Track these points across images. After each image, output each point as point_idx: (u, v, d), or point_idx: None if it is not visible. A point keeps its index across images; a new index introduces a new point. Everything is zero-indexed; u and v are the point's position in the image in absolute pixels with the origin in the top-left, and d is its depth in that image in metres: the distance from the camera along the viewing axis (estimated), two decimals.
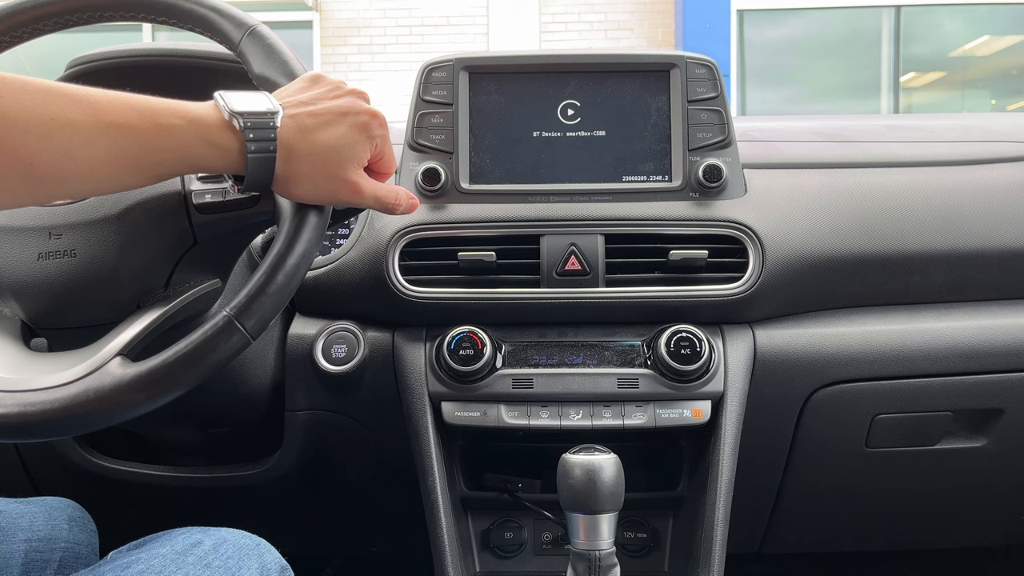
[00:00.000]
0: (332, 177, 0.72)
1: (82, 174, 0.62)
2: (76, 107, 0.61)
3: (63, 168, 0.61)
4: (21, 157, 0.58)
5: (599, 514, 0.86)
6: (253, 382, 1.04)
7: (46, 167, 0.60)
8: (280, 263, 0.71)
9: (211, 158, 0.67)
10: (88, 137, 0.61)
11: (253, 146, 0.67)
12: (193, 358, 0.68)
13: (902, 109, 8.11)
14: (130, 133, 0.63)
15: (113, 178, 0.64)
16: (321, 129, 0.71)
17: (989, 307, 1.09)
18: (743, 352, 1.02)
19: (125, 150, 0.63)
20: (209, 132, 0.66)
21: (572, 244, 1.00)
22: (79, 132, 0.61)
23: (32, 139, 0.58)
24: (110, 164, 0.63)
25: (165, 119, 0.64)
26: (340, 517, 1.27)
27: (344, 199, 0.74)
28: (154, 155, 0.64)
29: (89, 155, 0.61)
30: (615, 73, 1.05)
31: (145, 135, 0.63)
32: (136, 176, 0.65)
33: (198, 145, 0.66)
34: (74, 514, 0.91)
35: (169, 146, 0.65)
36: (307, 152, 0.70)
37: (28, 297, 0.77)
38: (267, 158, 0.68)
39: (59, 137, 0.60)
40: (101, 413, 0.67)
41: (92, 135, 0.61)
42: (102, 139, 0.62)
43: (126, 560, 0.68)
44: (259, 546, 0.74)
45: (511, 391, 0.99)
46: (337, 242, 1.06)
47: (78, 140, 0.61)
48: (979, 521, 1.26)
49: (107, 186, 0.66)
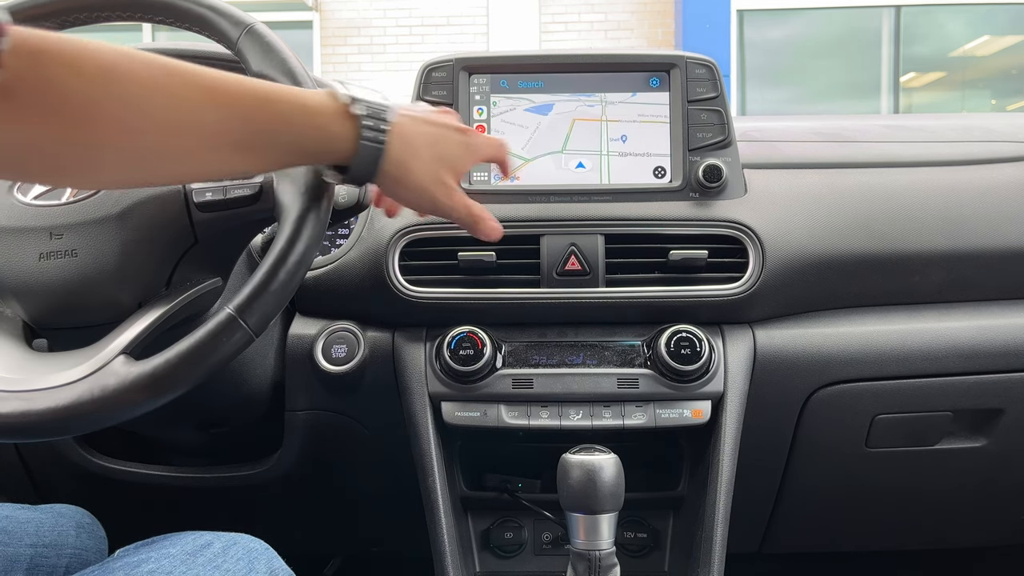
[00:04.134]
0: (434, 179, 0.75)
1: (191, 152, 0.61)
2: (189, 84, 0.60)
3: (170, 144, 0.60)
4: (130, 129, 0.57)
5: (599, 514, 0.86)
6: (253, 382, 1.04)
7: (153, 141, 0.59)
8: (282, 260, 0.71)
9: (320, 143, 0.67)
10: (200, 114, 0.60)
11: (367, 133, 0.68)
12: (196, 356, 0.68)
13: (902, 109, 8.11)
14: (240, 112, 0.62)
15: (217, 159, 0.63)
16: (430, 132, 0.75)
17: (989, 307, 1.09)
18: (743, 352, 1.02)
19: (234, 129, 0.62)
20: (321, 117, 0.67)
21: (572, 244, 1.00)
22: (191, 108, 0.60)
23: (142, 113, 0.58)
24: (217, 143, 0.62)
25: (276, 102, 0.65)
26: (340, 517, 1.27)
27: (441, 204, 0.77)
28: (262, 136, 0.64)
29: (198, 133, 0.61)
30: (615, 73, 1.06)
31: (255, 115, 0.63)
32: (239, 158, 0.64)
33: (308, 129, 0.66)
34: (82, 521, 0.91)
35: (278, 128, 0.65)
36: (415, 150, 0.73)
37: (30, 297, 0.77)
38: (376, 149, 0.69)
39: (170, 112, 0.59)
40: (105, 412, 0.67)
41: (202, 112, 0.60)
42: (211, 115, 0.61)
43: (136, 559, 0.68)
44: (268, 550, 0.74)
45: (511, 391, 0.99)
46: (337, 242, 1.07)
47: (188, 116, 0.60)
48: (979, 521, 1.26)
49: (209, 167, 0.65)
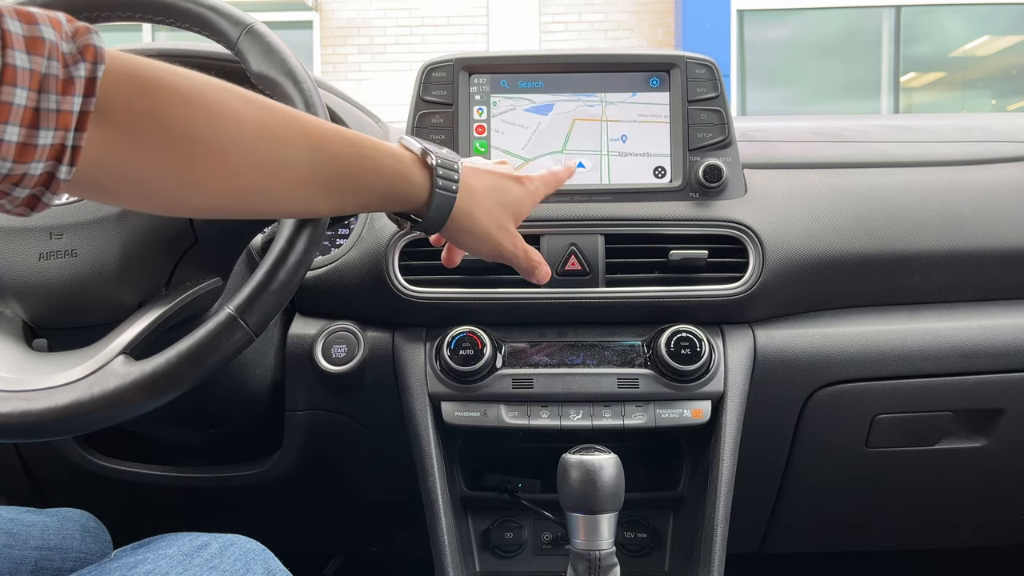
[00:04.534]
0: (499, 226, 0.80)
1: (282, 190, 0.63)
2: (288, 125, 0.62)
3: (265, 182, 0.61)
4: (229, 166, 0.58)
5: (599, 514, 0.86)
6: (253, 382, 1.04)
7: (251, 178, 0.60)
8: (282, 260, 0.71)
9: (401, 189, 0.71)
10: (296, 155, 0.62)
11: (440, 182, 0.72)
12: (197, 356, 0.68)
13: (902, 109, 8.11)
14: (333, 155, 0.65)
15: (308, 199, 0.66)
16: (491, 183, 0.80)
17: (989, 307, 1.09)
18: (743, 352, 1.02)
19: (327, 171, 0.64)
20: (403, 165, 0.71)
21: (572, 244, 1.00)
22: (289, 149, 0.62)
23: (245, 150, 0.59)
24: (309, 184, 0.64)
25: (365, 147, 0.67)
26: (340, 517, 1.27)
27: (505, 251, 0.81)
28: (351, 179, 0.67)
29: (293, 173, 0.62)
30: (615, 73, 1.06)
31: (347, 159, 0.66)
32: (327, 199, 0.67)
33: (392, 175, 0.69)
34: (88, 524, 0.91)
35: (366, 172, 0.68)
36: (479, 200, 0.77)
37: (30, 297, 0.77)
38: (449, 197, 0.73)
39: (269, 152, 0.60)
40: (105, 412, 0.67)
41: (300, 153, 0.62)
42: (308, 158, 0.63)
43: (132, 559, 0.68)
44: (264, 551, 0.74)
45: (511, 391, 0.99)
46: (337, 242, 1.07)
47: (287, 157, 0.62)
48: (979, 521, 1.26)
49: (299, 207, 0.67)
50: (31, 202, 0.50)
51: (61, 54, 0.48)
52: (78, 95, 0.48)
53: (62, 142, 0.48)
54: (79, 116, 0.48)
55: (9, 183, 0.48)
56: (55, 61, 0.47)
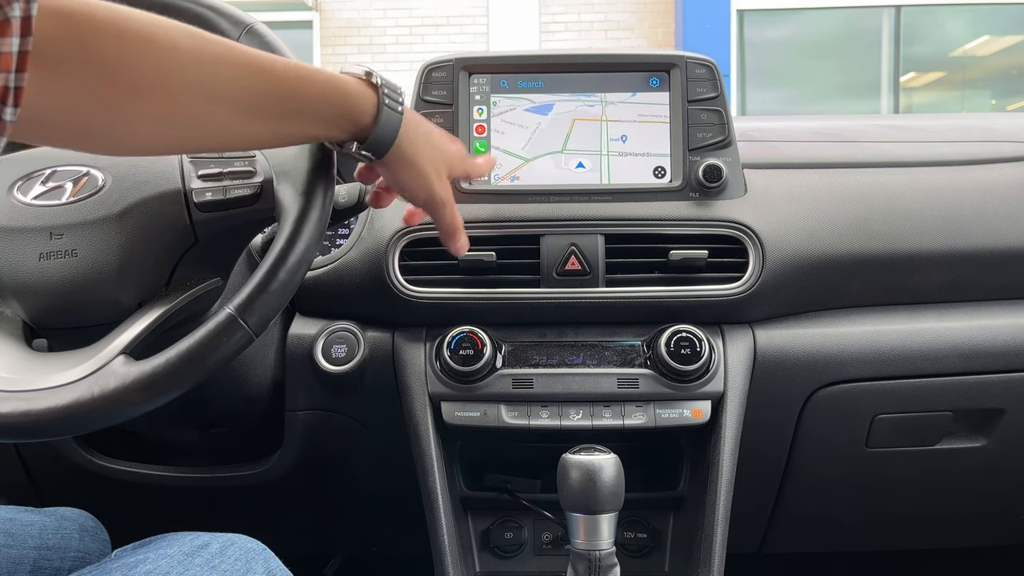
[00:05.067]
0: (436, 169, 0.80)
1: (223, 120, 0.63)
2: (227, 54, 0.61)
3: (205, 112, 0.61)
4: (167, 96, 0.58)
5: (599, 514, 0.86)
6: (253, 382, 1.04)
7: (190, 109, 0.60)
8: (282, 260, 0.71)
9: (345, 113, 0.70)
10: (236, 82, 0.62)
11: (387, 100, 0.72)
12: (197, 356, 0.68)
13: (902, 109, 8.11)
14: (273, 81, 0.64)
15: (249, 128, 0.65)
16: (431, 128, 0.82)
17: (989, 307, 1.09)
18: (743, 352, 1.02)
19: (267, 96, 0.64)
20: (348, 87, 0.70)
21: (572, 244, 1.00)
22: (227, 76, 0.61)
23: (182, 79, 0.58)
24: (250, 112, 0.64)
25: (307, 71, 0.67)
26: (340, 517, 1.27)
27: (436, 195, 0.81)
28: (293, 105, 0.66)
29: (233, 101, 0.62)
30: (615, 73, 1.06)
31: (288, 84, 0.65)
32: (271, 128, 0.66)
33: (336, 98, 0.69)
34: (86, 524, 0.91)
35: (308, 93, 0.67)
36: (422, 136, 0.78)
37: (30, 298, 0.77)
38: (396, 116, 0.73)
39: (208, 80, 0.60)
40: (105, 412, 0.67)
41: (239, 80, 0.62)
42: (247, 85, 0.62)
43: (133, 559, 0.68)
44: (265, 551, 0.74)
45: (511, 391, 0.99)
46: (337, 242, 1.07)
47: (226, 84, 0.61)
48: (979, 521, 1.26)
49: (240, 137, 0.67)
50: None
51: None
52: (15, 36, 0.47)
53: (4, 84, 0.47)
54: (19, 56, 0.48)
55: None
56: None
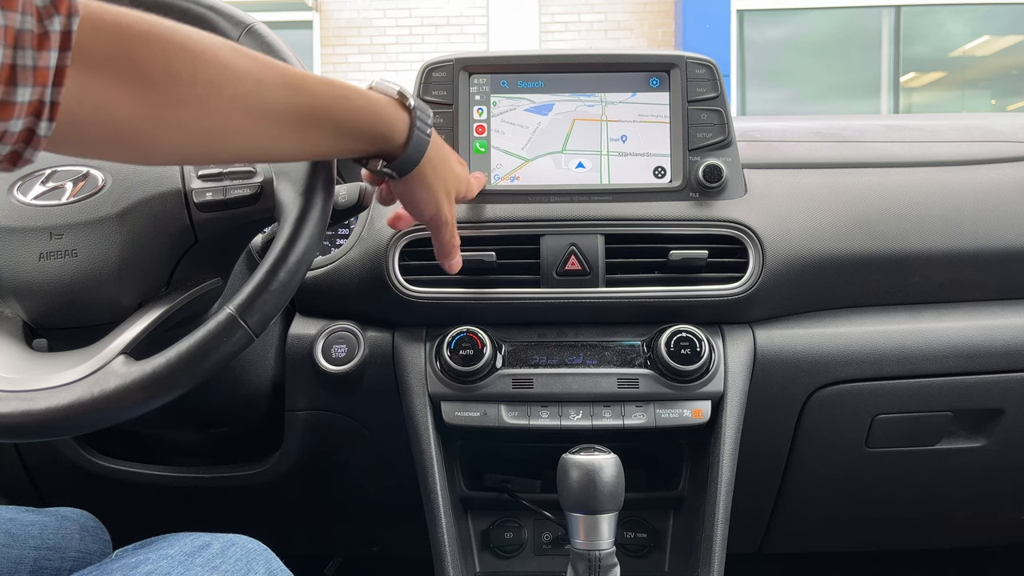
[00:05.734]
0: (446, 191, 0.82)
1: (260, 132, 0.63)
2: (266, 67, 0.63)
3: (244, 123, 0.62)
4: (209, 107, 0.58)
5: (599, 514, 0.86)
6: (253, 382, 1.04)
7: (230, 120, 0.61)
8: (282, 260, 0.71)
9: (378, 130, 0.72)
10: (274, 96, 0.63)
11: (419, 124, 0.75)
12: (197, 356, 0.68)
13: (902, 109, 8.11)
14: (311, 96, 0.65)
15: (285, 141, 0.66)
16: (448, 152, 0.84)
17: (989, 307, 1.09)
18: (743, 352, 1.02)
19: (304, 112, 0.65)
20: (380, 106, 0.72)
21: (572, 244, 1.00)
22: (266, 90, 0.62)
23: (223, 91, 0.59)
24: (287, 125, 0.64)
25: (342, 89, 0.68)
26: (340, 517, 1.27)
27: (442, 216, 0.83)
28: (328, 121, 0.68)
29: (271, 114, 0.63)
30: (615, 73, 1.06)
31: (324, 100, 0.67)
32: (305, 142, 0.67)
33: (370, 116, 0.71)
34: (86, 524, 0.91)
35: (343, 114, 0.69)
36: (440, 158, 0.80)
37: (30, 297, 0.77)
38: (425, 140, 0.76)
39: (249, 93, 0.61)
40: (105, 412, 0.67)
41: (278, 94, 0.63)
42: (285, 99, 0.63)
43: (133, 559, 0.68)
44: (266, 551, 0.74)
45: (511, 391, 0.99)
46: (337, 242, 1.07)
47: (265, 97, 0.62)
48: (979, 521, 1.26)
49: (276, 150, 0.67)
50: (12, 158, 0.50)
51: (35, 8, 0.47)
52: (54, 50, 0.48)
53: (40, 98, 0.48)
54: (56, 71, 0.48)
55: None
56: (29, 16, 0.46)
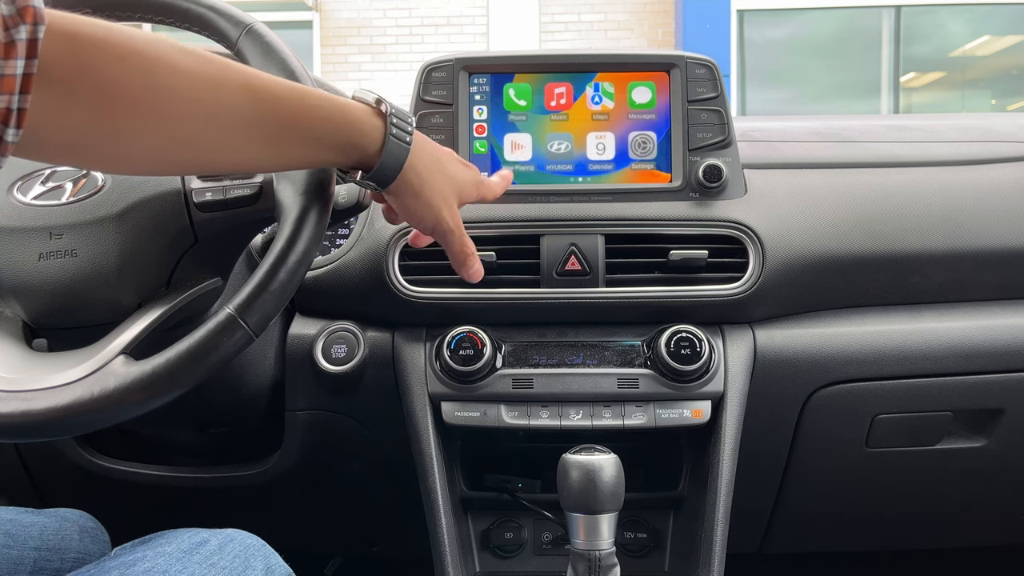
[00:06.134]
0: (443, 198, 0.77)
1: (222, 142, 0.62)
2: (227, 75, 0.61)
3: (204, 133, 0.60)
4: (166, 117, 0.58)
5: (599, 514, 0.86)
6: (253, 382, 1.04)
7: (189, 130, 0.59)
8: (282, 260, 0.71)
9: (350, 139, 0.69)
10: (236, 104, 0.61)
11: (394, 131, 0.71)
12: (197, 356, 0.68)
13: (902, 109, 8.11)
14: (276, 105, 0.63)
15: (249, 151, 0.64)
16: (441, 153, 0.79)
17: (989, 307, 1.09)
18: (743, 352, 1.02)
19: (269, 121, 0.63)
20: (354, 114, 0.69)
21: (572, 244, 1.00)
22: (227, 98, 0.60)
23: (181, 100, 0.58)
24: (250, 135, 0.63)
25: (312, 97, 0.66)
26: (340, 517, 1.27)
27: (444, 223, 0.78)
28: (296, 130, 0.65)
29: (232, 123, 0.61)
30: (615, 73, 1.06)
31: (291, 109, 0.64)
32: (271, 151, 0.65)
33: (341, 124, 0.68)
34: (86, 525, 0.91)
35: (313, 122, 0.66)
36: (431, 164, 0.75)
37: (29, 297, 0.77)
38: (403, 147, 0.72)
39: (207, 102, 0.59)
40: (105, 412, 0.67)
41: (240, 102, 0.61)
42: (249, 107, 0.61)
43: (131, 557, 0.68)
44: (264, 547, 0.74)
45: (511, 391, 0.99)
46: (337, 242, 1.07)
47: (226, 106, 0.60)
48: (979, 521, 1.26)
49: (240, 160, 0.65)
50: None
51: (1, 17, 0.47)
52: (20, 58, 0.48)
53: (7, 105, 0.48)
54: (23, 78, 0.48)
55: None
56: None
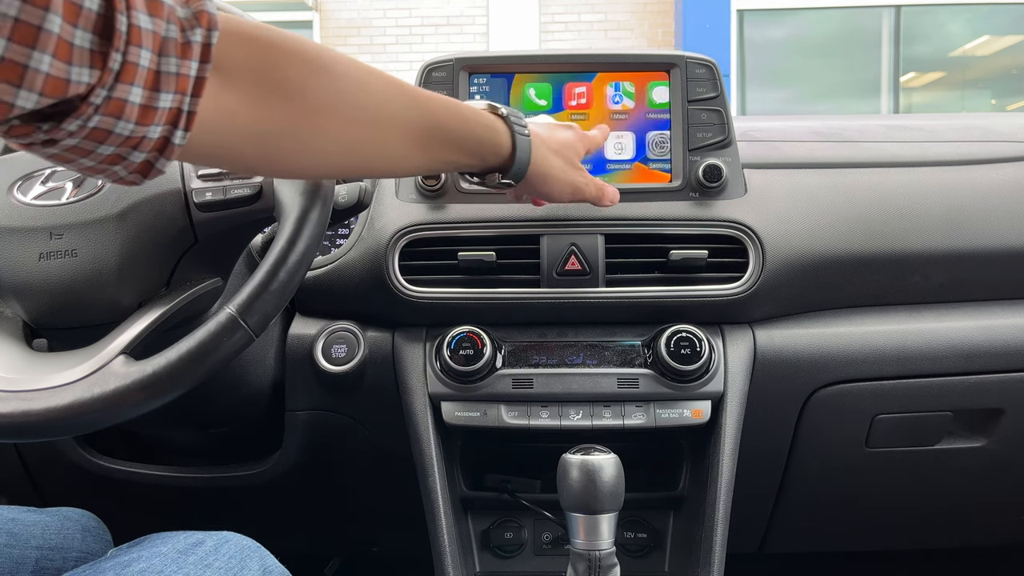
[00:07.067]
0: (570, 165, 0.86)
1: (386, 145, 0.66)
2: (390, 84, 0.65)
3: (372, 136, 0.64)
4: (341, 120, 0.61)
5: (599, 514, 0.86)
6: (253, 382, 1.04)
7: (360, 134, 0.63)
8: (282, 260, 0.71)
9: (488, 141, 0.75)
10: (398, 110, 0.65)
11: (516, 128, 0.77)
12: (197, 356, 0.68)
13: (902, 109, 8.11)
14: (430, 111, 0.68)
15: (408, 153, 0.68)
16: (548, 129, 0.85)
17: (989, 307, 1.09)
18: (743, 352, 1.02)
19: (426, 126, 0.68)
20: (487, 118, 0.75)
21: (572, 244, 1.00)
22: (391, 105, 0.65)
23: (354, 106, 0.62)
24: (409, 138, 0.67)
25: (455, 104, 0.72)
26: (340, 517, 1.27)
27: (581, 188, 0.87)
28: (445, 135, 0.70)
29: (395, 127, 0.66)
30: (615, 73, 1.06)
31: (440, 115, 0.69)
32: (425, 155, 0.70)
33: (480, 129, 0.74)
34: (88, 524, 0.91)
35: (460, 127, 0.72)
36: (547, 145, 0.82)
37: (30, 297, 0.77)
38: (527, 140, 0.78)
39: (376, 108, 0.63)
40: (105, 412, 0.67)
41: (401, 108, 0.66)
42: (407, 113, 0.66)
43: (127, 558, 0.68)
44: (259, 549, 0.74)
45: (511, 391, 0.99)
46: (337, 242, 1.06)
47: (390, 112, 0.65)
48: (979, 521, 1.26)
49: (400, 162, 0.70)
50: (144, 168, 0.51)
51: (178, 19, 0.48)
52: (195, 60, 0.49)
53: (179, 106, 0.49)
54: (195, 81, 0.49)
55: (128, 146, 0.49)
56: (173, 25, 0.48)
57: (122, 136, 0.47)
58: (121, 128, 0.47)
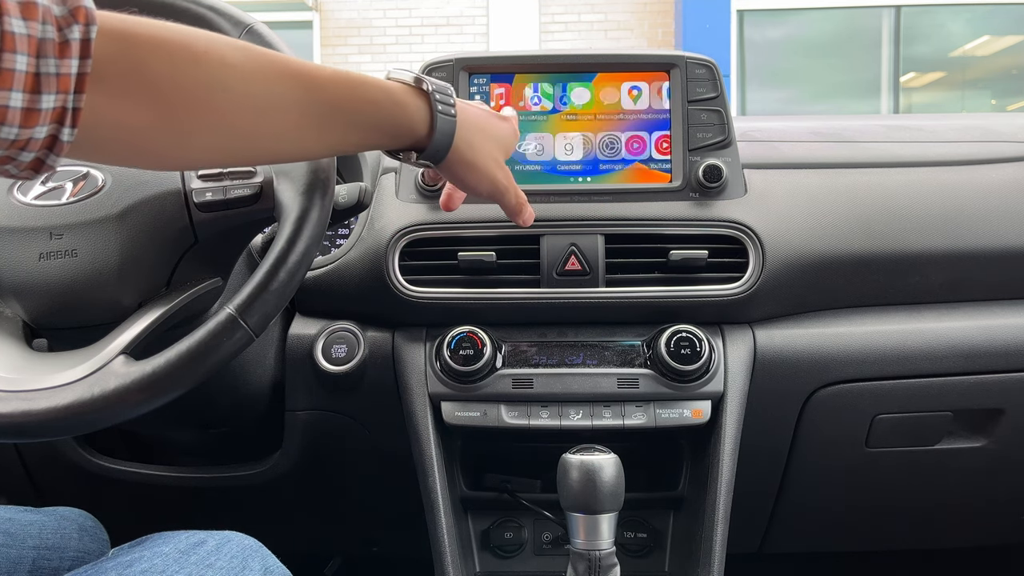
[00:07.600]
0: (494, 159, 0.79)
1: (275, 133, 0.63)
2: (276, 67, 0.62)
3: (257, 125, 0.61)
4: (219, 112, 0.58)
5: (599, 514, 0.86)
6: (253, 382, 1.04)
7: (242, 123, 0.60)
8: (282, 260, 0.71)
9: (399, 120, 0.69)
10: (286, 94, 0.62)
11: (440, 106, 0.71)
12: (197, 356, 0.68)
13: (902, 109, 8.12)
14: (325, 92, 0.64)
15: (301, 139, 0.65)
16: (479, 114, 0.79)
17: (989, 307, 1.09)
18: (743, 352, 1.02)
19: (318, 109, 0.64)
20: (398, 95, 0.69)
21: (572, 244, 1.00)
22: (277, 89, 0.61)
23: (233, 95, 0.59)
24: (301, 123, 0.64)
25: (356, 81, 0.67)
26: (340, 517, 1.27)
27: (500, 185, 0.80)
28: (345, 116, 0.66)
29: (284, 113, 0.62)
30: (615, 73, 1.06)
31: (338, 95, 0.65)
32: (322, 139, 0.66)
33: (388, 106, 0.69)
34: (85, 523, 0.91)
35: (363, 107, 0.67)
36: (476, 130, 0.76)
37: (30, 297, 0.77)
38: (451, 121, 0.72)
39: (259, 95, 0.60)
40: (105, 412, 0.67)
41: (289, 92, 0.62)
42: (297, 96, 0.62)
43: (128, 557, 0.68)
44: (261, 548, 0.75)
45: (511, 391, 0.99)
46: (337, 242, 1.07)
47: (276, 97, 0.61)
48: (979, 521, 1.26)
49: (292, 149, 0.66)
50: (35, 165, 0.51)
51: (54, 18, 0.48)
52: (75, 58, 0.49)
53: (63, 105, 0.49)
54: (77, 78, 0.49)
55: (16, 148, 0.49)
56: (50, 25, 0.47)
57: (8, 140, 0.48)
58: (6, 133, 0.47)
